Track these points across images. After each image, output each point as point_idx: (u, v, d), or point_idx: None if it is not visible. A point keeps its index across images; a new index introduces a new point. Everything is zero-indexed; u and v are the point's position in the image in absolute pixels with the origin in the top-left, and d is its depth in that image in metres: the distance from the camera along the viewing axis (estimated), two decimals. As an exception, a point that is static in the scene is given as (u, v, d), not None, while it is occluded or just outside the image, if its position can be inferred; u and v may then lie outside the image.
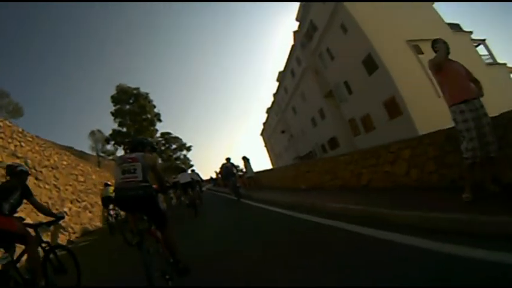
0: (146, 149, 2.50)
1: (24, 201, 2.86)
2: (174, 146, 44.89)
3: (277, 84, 33.78)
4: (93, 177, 12.08)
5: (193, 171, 10.60)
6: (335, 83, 19.78)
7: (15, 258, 2.49)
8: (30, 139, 7.79)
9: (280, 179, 10.57)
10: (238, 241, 3.77)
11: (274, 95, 35.84)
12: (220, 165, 10.40)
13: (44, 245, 2.85)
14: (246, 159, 11.35)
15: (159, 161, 42.45)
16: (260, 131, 49.87)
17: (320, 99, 22.50)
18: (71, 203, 8.84)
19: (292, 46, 25.21)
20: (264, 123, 46.50)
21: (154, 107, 37.25)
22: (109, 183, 9.57)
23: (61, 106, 70.03)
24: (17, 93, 61.42)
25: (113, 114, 34.98)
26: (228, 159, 9.74)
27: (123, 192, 2.22)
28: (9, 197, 2.60)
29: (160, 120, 38.10)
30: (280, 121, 35.18)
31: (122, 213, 8.16)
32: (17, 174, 2.95)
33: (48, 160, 8.54)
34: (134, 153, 2.38)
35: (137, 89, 36.46)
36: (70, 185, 9.41)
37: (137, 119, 35.43)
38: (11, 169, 2.99)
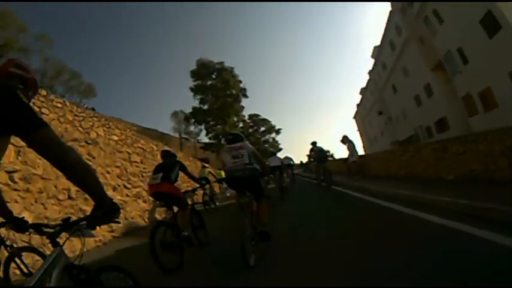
0: (242, 141, 3.28)
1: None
2: (262, 129, 44.34)
3: (372, 61, 31.03)
4: (159, 157, 7.85)
5: (287, 157, 11.02)
6: (446, 51, 16.92)
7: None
8: (59, 105, 6.18)
9: (402, 164, 7.69)
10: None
11: (370, 72, 33.07)
12: (309, 150, 9.35)
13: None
14: (348, 140, 9.36)
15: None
16: (353, 114, 47.07)
17: (427, 73, 19.69)
18: (114, 190, 6.86)
19: (390, 13, 22.58)
20: (358, 105, 43.58)
21: (240, 82, 34.09)
22: (206, 165, 10.88)
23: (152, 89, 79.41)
24: (99, 78, 69.58)
25: (192, 90, 32.44)
26: (314, 143, 9.22)
27: (233, 173, 2.95)
28: (173, 170, 3.53)
29: (246, 96, 34.80)
30: (377, 101, 32.37)
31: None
32: (171, 156, 3.97)
33: (87, 133, 6.70)
34: (238, 143, 3.16)
35: (221, 63, 33.09)
36: (117, 167, 7.34)
37: (220, 95, 32.18)
38: (166, 152, 4.10)
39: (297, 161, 31.97)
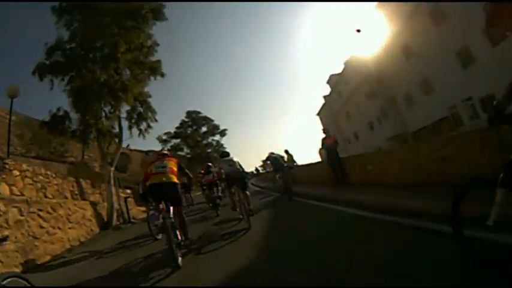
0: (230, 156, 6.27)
1: None
2: (204, 129, 38.08)
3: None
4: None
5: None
6: None
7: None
8: None
9: None
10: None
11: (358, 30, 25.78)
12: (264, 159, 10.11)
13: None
14: None
15: (185, 148, 35.91)
16: (318, 110, 40.11)
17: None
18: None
19: None
20: (326, 97, 36.67)
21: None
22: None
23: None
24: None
25: (54, 10, 11.56)
26: (271, 153, 9.53)
27: (230, 175, 5.74)
28: (213, 171, 8.65)
29: (162, 17, 12.96)
30: (365, 81, 25.07)
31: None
32: (210, 166, 9.15)
33: None
34: (230, 156, 6.17)
35: None
36: None
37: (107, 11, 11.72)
38: (210, 164, 9.49)
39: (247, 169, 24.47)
